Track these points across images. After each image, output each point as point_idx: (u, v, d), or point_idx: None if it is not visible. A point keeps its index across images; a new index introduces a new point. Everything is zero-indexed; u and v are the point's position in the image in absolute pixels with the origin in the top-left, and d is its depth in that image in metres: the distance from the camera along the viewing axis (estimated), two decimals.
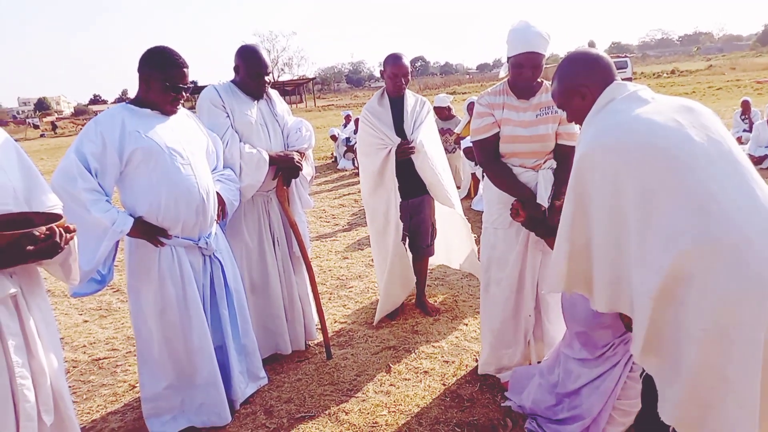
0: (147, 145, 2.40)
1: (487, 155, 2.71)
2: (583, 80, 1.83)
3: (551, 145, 2.69)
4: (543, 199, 2.60)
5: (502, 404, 2.70)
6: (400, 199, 3.47)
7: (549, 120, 2.66)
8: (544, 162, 2.70)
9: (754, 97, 9.91)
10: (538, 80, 2.67)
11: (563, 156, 2.69)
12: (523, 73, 2.55)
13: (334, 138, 12.24)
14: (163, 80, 2.43)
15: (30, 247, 1.55)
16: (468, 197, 7.47)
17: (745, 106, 9.50)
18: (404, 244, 3.65)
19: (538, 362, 2.84)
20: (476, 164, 6.81)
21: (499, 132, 2.67)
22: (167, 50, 2.47)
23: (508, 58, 2.57)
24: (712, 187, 1.50)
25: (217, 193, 2.71)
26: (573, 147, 2.66)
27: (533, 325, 2.86)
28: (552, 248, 2.47)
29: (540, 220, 2.54)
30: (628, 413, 2.31)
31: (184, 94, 2.51)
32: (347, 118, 12.57)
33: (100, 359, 3.60)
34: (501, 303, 2.80)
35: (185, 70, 2.47)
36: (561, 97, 1.91)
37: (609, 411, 2.28)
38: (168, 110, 2.52)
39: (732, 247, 1.45)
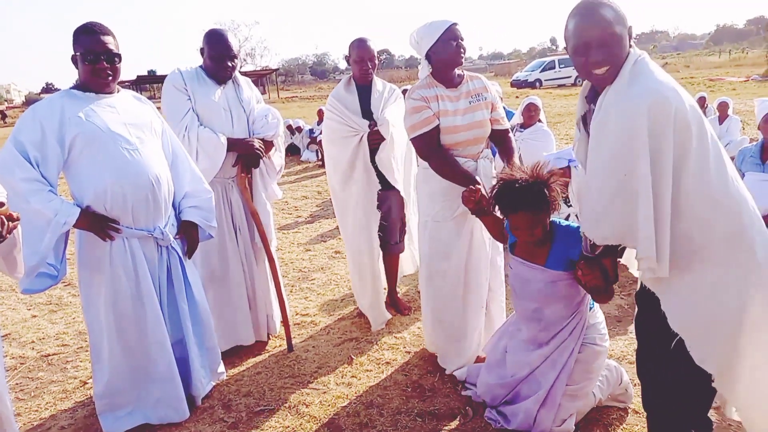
0: (88, 130, 2.29)
1: (431, 147, 2.66)
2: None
3: (488, 130, 2.74)
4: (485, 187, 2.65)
5: (463, 393, 2.71)
6: (380, 188, 3.33)
7: (481, 106, 2.72)
8: (482, 151, 2.76)
9: (707, 94, 10.22)
10: (459, 72, 2.75)
11: (500, 139, 2.81)
12: (459, 44, 2.63)
13: (289, 128, 12.04)
14: (81, 52, 2.31)
15: None
16: None
17: (701, 102, 9.79)
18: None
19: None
20: None
21: (439, 124, 2.64)
22: (86, 23, 2.35)
23: (432, 47, 2.63)
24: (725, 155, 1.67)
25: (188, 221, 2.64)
26: (507, 130, 2.79)
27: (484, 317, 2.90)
28: (492, 230, 2.55)
29: (486, 205, 2.50)
30: (576, 397, 2.34)
31: (105, 63, 2.33)
32: (319, 113, 12.03)
33: (49, 355, 3.45)
34: (449, 295, 2.80)
35: (102, 36, 2.31)
36: (616, 28, 1.66)
37: (564, 382, 2.30)
38: (98, 85, 2.37)
39: (756, 213, 1.68)
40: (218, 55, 2.94)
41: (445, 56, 2.63)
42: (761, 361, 1.65)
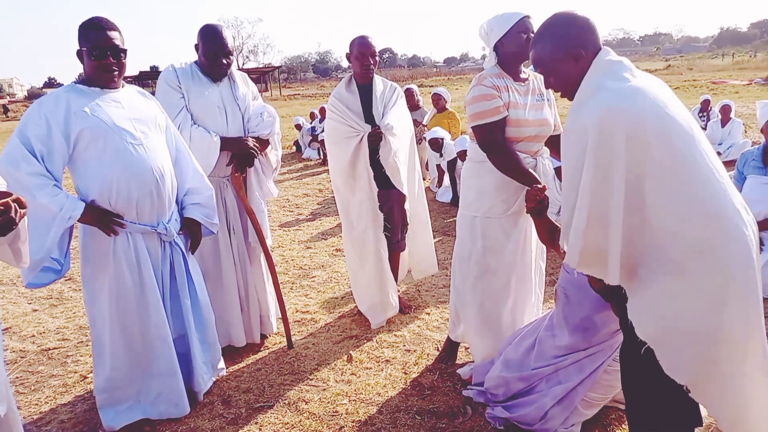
0: (94, 124, 2.28)
1: (496, 140, 2.51)
2: (579, 41, 1.72)
3: (551, 130, 2.67)
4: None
5: (463, 392, 2.71)
6: (377, 189, 3.32)
7: (545, 105, 2.65)
8: (541, 149, 2.69)
9: (711, 97, 10.24)
10: (524, 69, 2.67)
11: (555, 144, 2.69)
12: (529, 37, 2.50)
13: (298, 127, 12.06)
14: (88, 47, 2.30)
15: None
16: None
17: (705, 105, 9.82)
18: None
19: None
20: (441, 155, 6.82)
21: (507, 116, 2.51)
22: (91, 18, 2.34)
23: (501, 38, 2.54)
24: (716, 163, 1.63)
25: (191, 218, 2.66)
26: (559, 135, 2.68)
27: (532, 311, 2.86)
28: (543, 232, 2.44)
29: (546, 207, 2.42)
30: (592, 405, 2.33)
31: (112, 59, 2.33)
32: (321, 111, 12.03)
33: (49, 349, 3.46)
34: (498, 292, 2.72)
35: (108, 32, 2.30)
36: (552, 61, 1.76)
37: (587, 388, 2.27)
38: (104, 81, 2.37)
39: (737, 226, 1.58)
40: (212, 52, 2.89)
41: (513, 48, 2.53)
42: (738, 372, 1.62)
